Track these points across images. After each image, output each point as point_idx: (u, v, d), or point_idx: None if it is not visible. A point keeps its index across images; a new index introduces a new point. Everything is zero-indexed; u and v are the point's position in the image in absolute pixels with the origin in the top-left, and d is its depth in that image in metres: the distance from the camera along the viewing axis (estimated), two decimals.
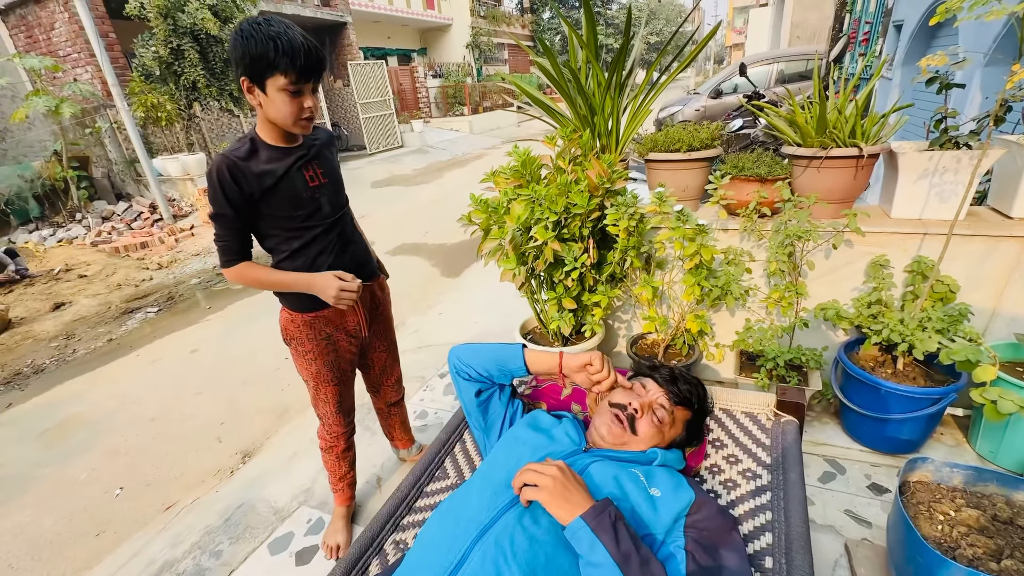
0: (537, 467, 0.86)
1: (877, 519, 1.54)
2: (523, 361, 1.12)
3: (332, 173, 1.41)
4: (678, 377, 1.12)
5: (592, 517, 0.78)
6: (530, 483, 0.84)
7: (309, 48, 1.14)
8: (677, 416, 1.08)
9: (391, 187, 9.17)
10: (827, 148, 1.68)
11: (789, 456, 1.15)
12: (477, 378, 1.18)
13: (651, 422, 1.03)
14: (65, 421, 3.02)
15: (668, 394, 1.08)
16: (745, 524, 1.04)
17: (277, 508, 1.95)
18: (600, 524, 0.77)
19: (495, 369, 1.15)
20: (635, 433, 1.03)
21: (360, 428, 2.41)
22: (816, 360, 1.79)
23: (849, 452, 1.79)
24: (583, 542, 0.77)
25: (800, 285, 1.77)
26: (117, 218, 7.16)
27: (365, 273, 1.54)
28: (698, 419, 1.13)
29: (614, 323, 2.31)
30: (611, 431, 1.03)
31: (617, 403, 1.07)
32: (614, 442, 1.03)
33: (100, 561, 1.90)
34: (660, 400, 1.07)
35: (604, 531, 0.77)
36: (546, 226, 1.58)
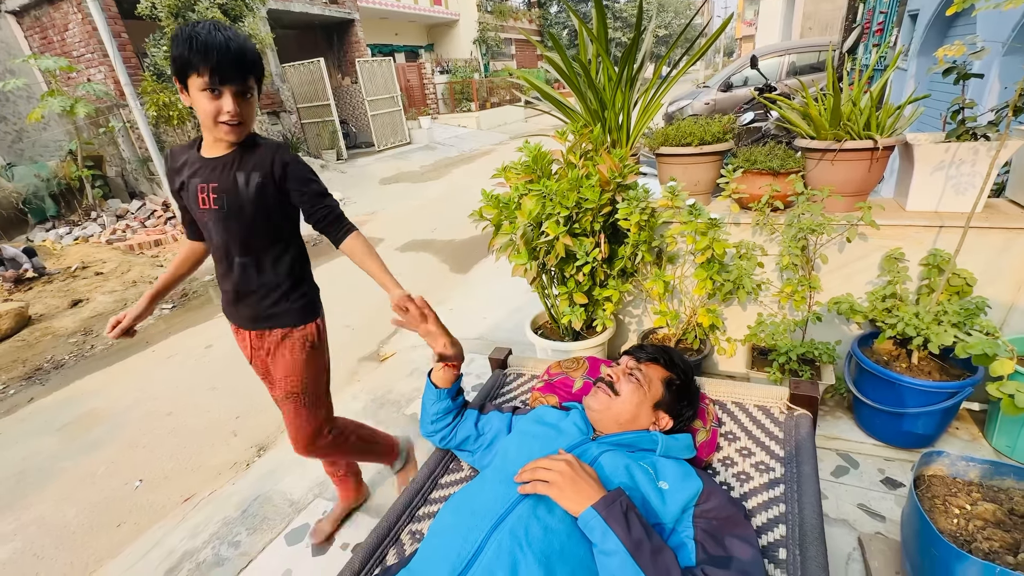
0: (546, 463, 0.87)
1: (891, 513, 1.53)
2: (432, 384, 1.25)
3: (235, 205, 1.22)
4: (643, 345, 1.22)
5: (604, 507, 0.79)
6: (540, 479, 0.86)
7: (228, 48, 1.09)
8: (651, 374, 1.11)
9: (399, 184, 9.20)
10: (841, 140, 1.66)
11: (803, 449, 1.15)
12: (438, 431, 1.27)
13: (628, 381, 1.09)
14: (84, 415, 3.09)
15: (634, 357, 1.16)
16: (758, 516, 1.04)
17: (293, 500, 1.99)
18: (611, 513, 0.78)
19: (436, 408, 1.25)
20: (617, 393, 1.08)
21: (373, 422, 2.45)
22: (829, 354, 1.78)
23: (862, 446, 1.79)
24: (595, 531, 0.78)
25: (813, 279, 1.76)
26: (131, 216, 7.27)
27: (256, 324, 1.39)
28: (677, 379, 1.13)
29: (625, 318, 2.31)
30: (599, 400, 1.09)
31: (598, 379, 1.15)
32: (603, 409, 1.08)
33: (122, 551, 1.95)
34: (629, 364, 1.14)
35: (616, 520, 0.78)
36: (557, 221, 1.59)
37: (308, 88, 10.62)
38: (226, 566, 1.73)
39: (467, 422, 1.27)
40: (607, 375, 1.13)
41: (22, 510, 2.30)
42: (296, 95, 10.75)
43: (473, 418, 1.27)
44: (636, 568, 0.74)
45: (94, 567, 1.92)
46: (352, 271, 5.66)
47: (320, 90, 10.48)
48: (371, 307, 4.14)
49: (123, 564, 1.87)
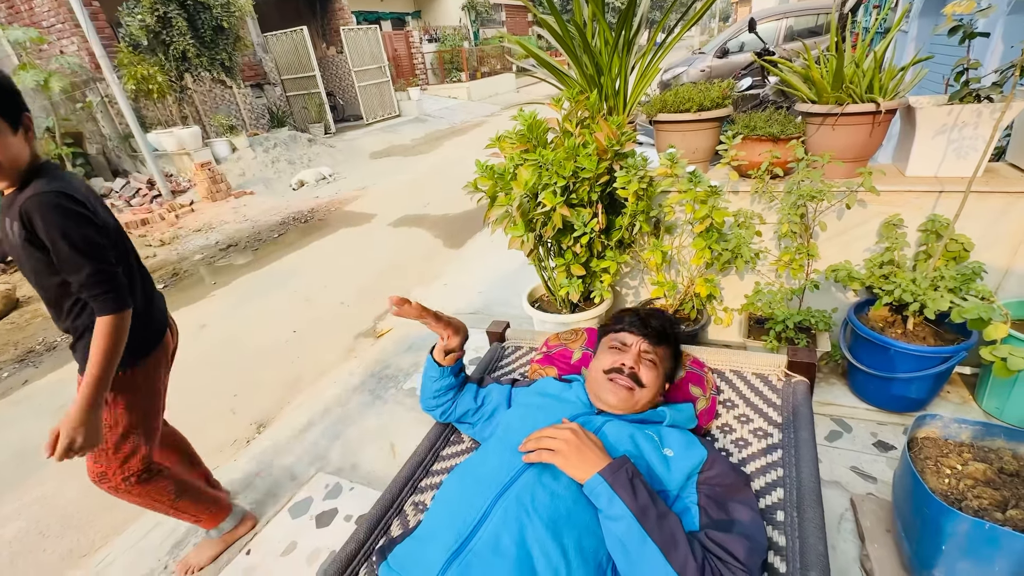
0: (551, 432, 0.87)
1: (882, 475, 1.57)
2: (435, 362, 1.22)
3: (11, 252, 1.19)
4: (646, 317, 1.14)
5: (610, 474, 0.79)
6: (545, 448, 0.86)
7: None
8: (661, 354, 1.11)
9: (390, 158, 9.02)
10: (843, 104, 1.63)
11: (800, 415, 1.17)
12: (438, 405, 1.26)
13: (649, 368, 1.06)
14: None
15: (647, 339, 1.10)
16: (757, 480, 1.06)
17: (294, 475, 2.00)
18: (617, 479, 0.79)
19: (437, 384, 1.23)
20: (643, 385, 1.04)
21: (371, 397, 2.46)
22: (825, 322, 1.79)
23: (856, 411, 1.82)
24: (601, 497, 0.79)
25: (811, 247, 1.75)
26: (115, 195, 7.10)
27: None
28: (677, 349, 1.18)
29: (622, 289, 2.30)
30: (620, 397, 1.03)
31: (611, 368, 1.07)
32: (627, 407, 1.04)
33: (126, 528, 1.97)
34: (644, 347, 1.09)
35: (621, 486, 0.78)
36: (554, 191, 1.55)
37: (292, 58, 10.26)
38: None
39: (467, 395, 1.26)
40: (625, 366, 1.05)
41: (24, 490, 2.31)
42: (279, 66, 10.39)
43: (472, 391, 1.27)
44: (643, 532, 0.75)
45: (100, 543, 1.95)
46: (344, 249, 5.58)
47: (304, 60, 10.13)
48: (365, 284, 4.11)
49: (129, 540, 1.89)
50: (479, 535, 0.83)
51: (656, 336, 1.11)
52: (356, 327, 3.43)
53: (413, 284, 3.94)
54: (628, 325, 1.15)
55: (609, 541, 0.80)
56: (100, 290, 1.18)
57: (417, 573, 0.84)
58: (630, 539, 0.75)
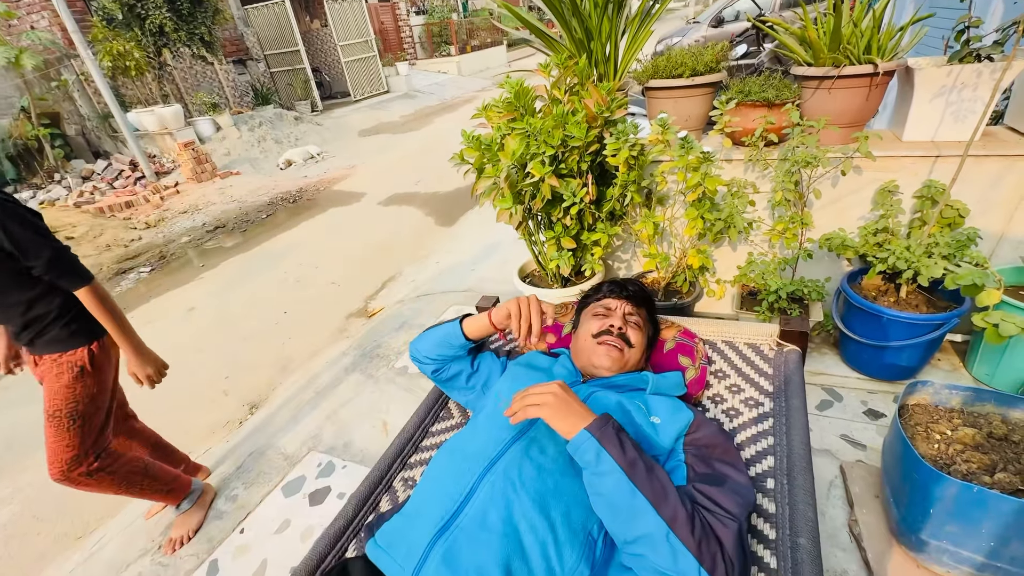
0: (536, 388, 0.84)
1: (872, 442, 1.58)
2: (463, 333, 1.13)
3: None
4: (624, 284, 1.20)
5: (596, 428, 0.77)
6: (531, 404, 0.83)
7: None
8: (643, 316, 1.16)
9: (379, 135, 8.84)
10: (840, 66, 1.57)
11: (791, 383, 1.15)
12: (432, 362, 1.19)
13: (635, 329, 1.11)
14: None
15: (629, 301, 1.15)
16: (747, 449, 1.05)
17: (287, 454, 2.00)
18: (604, 434, 0.77)
19: (445, 350, 1.17)
20: (632, 346, 1.08)
21: (362, 376, 2.45)
22: (818, 291, 1.77)
23: (847, 380, 1.82)
24: (589, 453, 0.76)
25: (805, 215, 1.72)
26: (98, 177, 6.92)
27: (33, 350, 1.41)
28: (653, 312, 1.22)
29: (613, 263, 2.27)
30: (612, 356, 1.05)
31: (600, 332, 1.10)
32: (617, 366, 1.05)
33: (121, 510, 1.96)
34: (627, 309, 1.14)
35: (609, 440, 0.76)
36: (543, 161, 1.50)
37: (275, 32, 9.91)
38: (225, 519, 1.75)
39: (464, 359, 1.22)
40: (614, 327, 1.08)
41: (17, 474, 2.30)
42: (262, 40, 10.05)
43: (471, 356, 1.23)
44: (631, 486, 0.73)
45: (95, 525, 1.95)
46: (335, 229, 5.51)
47: (288, 35, 9.79)
48: (356, 263, 4.06)
49: (123, 521, 1.89)
50: (466, 511, 0.82)
51: (636, 299, 1.17)
52: (347, 307, 3.39)
53: (405, 263, 3.90)
54: (608, 292, 1.19)
55: (596, 501, 0.77)
56: (67, 266, 1.29)
57: (404, 550, 0.83)
58: (619, 494, 0.74)
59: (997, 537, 1.04)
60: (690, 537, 0.70)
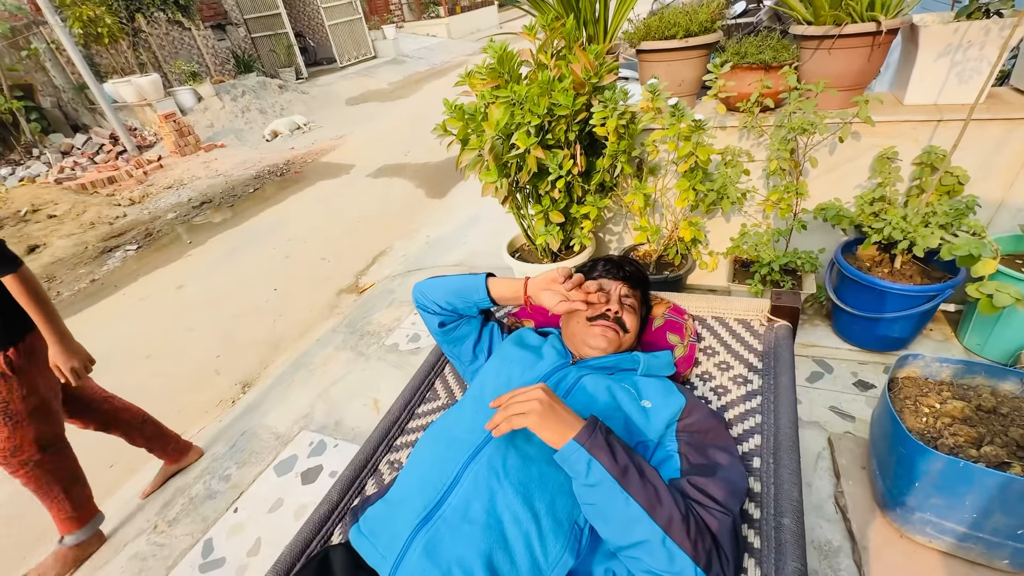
0: (520, 396, 0.81)
1: (861, 414, 1.58)
2: (487, 291, 1.05)
3: None
4: (620, 263, 1.14)
5: (585, 437, 0.75)
6: (515, 413, 0.80)
7: None
8: (638, 298, 1.13)
9: (367, 104, 8.57)
10: (841, 24, 1.49)
11: (781, 360, 1.13)
12: (439, 312, 1.11)
13: (630, 313, 1.08)
14: None
15: (625, 283, 1.11)
16: (735, 427, 1.04)
17: (279, 434, 2.00)
18: (594, 442, 0.75)
19: (458, 301, 1.09)
20: (627, 330, 1.05)
21: (353, 354, 2.43)
22: (811, 263, 1.74)
23: (838, 352, 1.81)
24: (579, 463, 0.74)
25: (801, 184, 1.67)
26: (78, 152, 6.72)
27: None
28: (647, 292, 1.20)
29: (605, 236, 2.23)
30: (608, 340, 1.02)
31: (595, 316, 1.05)
32: (611, 350, 1.03)
33: (119, 488, 1.98)
34: (623, 291, 1.10)
35: (599, 448, 0.74)
36: (528, 131, 1.43)
37: None
38: (218, 498, 1.77)
39: (474, 320, 1.17)
40: (610, 311, 1.04)
41: None
42: (241, 4, 9.59)
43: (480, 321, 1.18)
44: (625, 495, 0.71)
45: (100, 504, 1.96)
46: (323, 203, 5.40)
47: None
48: (346, 238, 4.00)
49: (119, 500, 1.90)
50: (449, 501, 0.80)
51: (632, 280, 1.12)
52: (338, 283, 3.36)
53: (396, 237, 3.84)
54: (605, 272, 1.13)
55: (587, 511, 0.76)
56: None
57: (386, 539, 0.82)
58: (612, 504, 0.72)
59: (980, 509, 1.04)
60: (686, 539, 0.69)
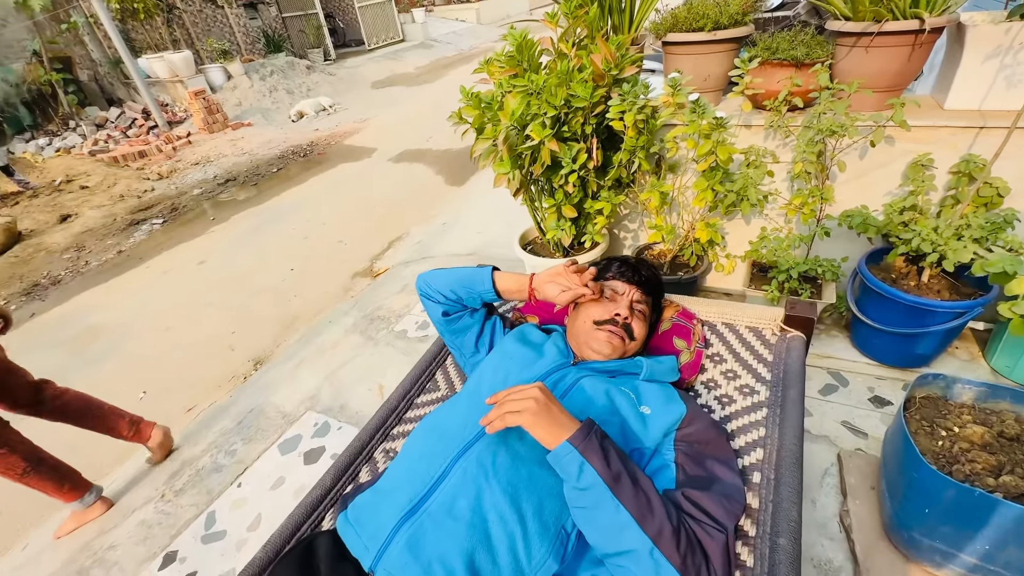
0: (516, 394, 0.80)
1: (875, 431, 1.52)
2: (492, 283, 1.05)
3: None
4: (636, 267, 1.10)
5: (580, 440, 0.73)
6: (510, 411, 0.79)
7: None
8: (650, 304, 1.10)
9: (392, 87, 8.56)
10: (881, 21, 1.40)
11: (791, 373, 1.09)
12: (443, 301, 1.10)
13: (639, 320, 1.04)
14: (87, 330, 3.15)
15: (638, 288, 1.07)
16: (737, 439, 1.01)
17: (285, 413, 2.03)
18: (588, 446, 0.73)
19: (463, 292, 1.08)
20: (634, 338, 1.02)
21: (362, 338, 2.45)
22: (833, 272, 1.67)
23: (855, 365, 1.74)
24: (571, 466, 0.73)
25: (827, 189, 1.59)
26: (111, 125, 6.90)
27: None
28: (660, 298, 1.16)
29: (620, 232, 2.18)
30: (614, 347, 0.99)
31: (603, 319, 1.02)
32: (615, 356, 1.00)
33: (131, 455, 2.04)
34: (635, 297, 1.06)
35: (592, 452, 0.73)
36: (543, 123, 1.40)
37: None
38: (224, 472, 1.81)
39: (478, 312, 1.16)
40: (619, 316, 1.00)
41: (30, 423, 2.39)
42: None
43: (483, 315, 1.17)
44: (615, 502, 0.70)
45: (107, 471, 2.03)
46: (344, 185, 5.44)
47: None
48: (364, 221, 4.02)
49: (130, 469, 1.97)
50: (435, 496, 0.80)
51: (647, 286, 1.09)
52: (353, 266, 3.38)
53: (412, 223, 3.84)
54: (619, 274, 1.09)
55: (576, 515, 0.74)
56: None
57: (371, 529, 0.82)
58: (602, 509, 0.71)
59: (994, 541, 0.99)
60: (675, 552, 0.67)
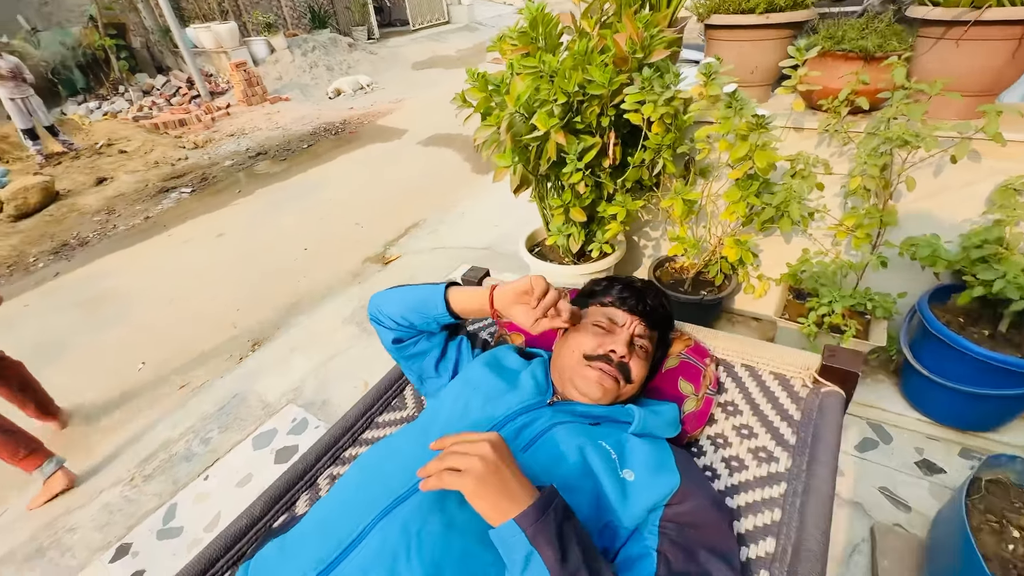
0: (462, 446, 0.63)
1: (920, 504, 1.27)
2: (445, 304, 0.86)
3: None
4: (642, 293, 0.90)
5: (531, 520, 0.56)
6: (451, 467, 0.62)
7: None
8: (654, 341, 0.90)
9: (432, 69, 8.44)
10: (981, 7, 1.13)
11: (822, 439, 0.87)
12: (395, 328, 0.94)
13: (639, 361, 0.85)
14: (102, 294, 3.18)
15: (642, 320, 0.87)
16: (744, 520, 0.81)
17: (267, 403, 1.94)
18: (541, 530, 0.56)
19: (416, 317, 0.91)
20: (630, 381, 0.84)
21: (358, 329, 2.34)
22: (886, 308, 1.41)
23: (901, 419, 1.49)
24: (516, 552, 0.56)
25: (889, 210, 1.33)
26: (157, 92, 7.07)
27: None
28: (667, 334, 0.96)
29: (640, 239, 1.96)
30: (605, 391, 0.81)
31: (595, 355, 0.83)
32: (606, 401, 0.83)
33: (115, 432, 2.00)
34: (637, 331, 0.86)
35: (545, 540, 0.55)
36: (551, 111, 1.20)
37: None
38: (194, 461, 1.73)
39: (436, 336, 0.98)
40: (615, 353, 0.82)
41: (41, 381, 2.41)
42: None
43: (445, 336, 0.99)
44: None
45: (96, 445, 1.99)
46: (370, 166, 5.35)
47: None
48: (384, 205, 3.92)
49: (113, 443, 1.93)
50: (343, 566, 0.64)
51: (653, 317, 0.89)
52: (366, 250, 3.29)
53: (432, 210, 3.71)
54: (620, 300, 0.89)
55: None
56: None
57: None
58: None
59: None
60: None
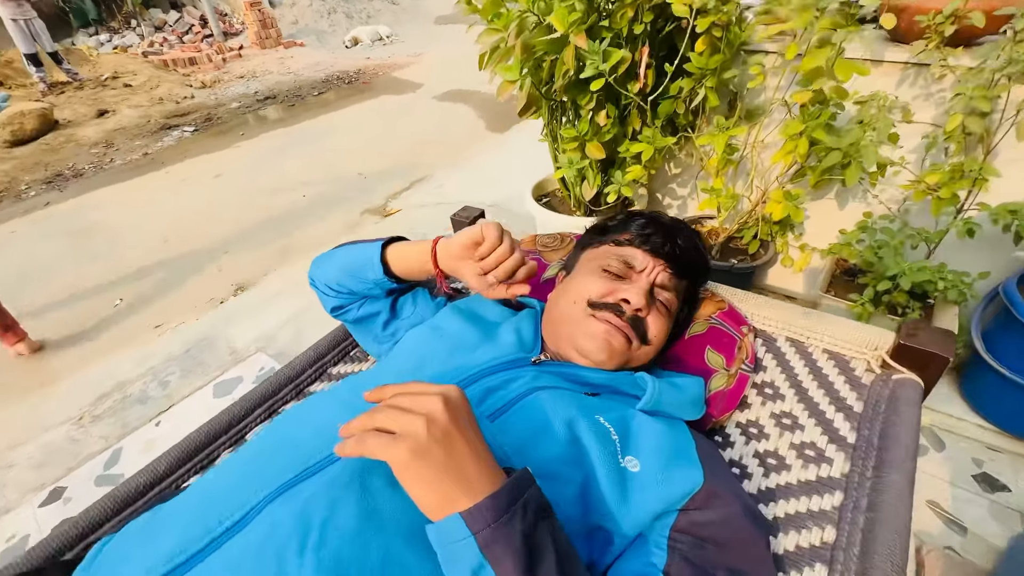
0: (405, 399, 0.42)
1: (978, 526, 1.06)
2: (381, 264, 0.68)
3: None
4: (671, 231, 0.68)
5: (487, 519, 0.35)
6: (381, 427, 0.41)
7: None
8: (680, 293, 0.69)
9: (455, 24, 8.03)
10: None
11: (893, 439, 0.66)
12: (332, 294, 0.77)
13: (659, 317, 0.64)
14: (92, 226, 3.08)
15: (668, 265, 0.66)
16: (781, 539, 0.60)
17: (235, 349, 1.78)
18: (501, 534, 0.35)
19: (352, 282, 0.73)
20: (647, 341, 0.63)
21: None
22: (960, 290, 1.16)
23: (959, 424, 1.26)
24: (459, 562, 0.36)
25: (986, 167, 1.07)
26: (169, 29, 6.82)
27: None
28: (697, 287, 0.74)
29: (663, 196, 1.71)
30: (612, 351, 0.60)
31: (603, 302, 0.62)
32: (612, 364, 0.61)
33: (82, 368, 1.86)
34: (660, 278, 0.65)
35: (507, 548, 0.35)
36: (573, 5, 0.95)
37: None
38: (148, 405, 1.58)
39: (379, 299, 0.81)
40: (628, 303, 0.61)
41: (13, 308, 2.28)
42: None
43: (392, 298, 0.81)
44: None
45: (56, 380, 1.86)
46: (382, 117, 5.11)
47: None
48: (393, 157, 3.70)
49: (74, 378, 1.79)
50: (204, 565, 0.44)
51: (682, 262, 0.67)
52: (366, 202, 3.09)
53: (440, 165, 3.48)
54: (641, 238, 0.67)
55: None
56: None
57: None
58: None
59: None
60: None
